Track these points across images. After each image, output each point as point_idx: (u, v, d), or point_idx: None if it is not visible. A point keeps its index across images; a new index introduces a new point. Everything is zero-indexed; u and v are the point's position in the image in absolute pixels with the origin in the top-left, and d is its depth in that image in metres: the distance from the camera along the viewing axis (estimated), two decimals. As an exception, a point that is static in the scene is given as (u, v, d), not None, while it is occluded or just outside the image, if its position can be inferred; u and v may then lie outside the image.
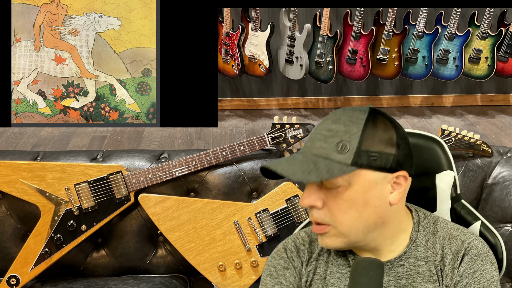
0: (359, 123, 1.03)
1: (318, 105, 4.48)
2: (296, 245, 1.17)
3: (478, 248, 1.09)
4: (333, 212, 1.03)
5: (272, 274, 1.15)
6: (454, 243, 1.11)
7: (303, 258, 1.16)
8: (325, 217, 1.04)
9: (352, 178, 1.01)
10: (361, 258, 1.09)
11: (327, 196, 1.03)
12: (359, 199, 1.03)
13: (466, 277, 1.07)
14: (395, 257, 1.11)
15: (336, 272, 1.13)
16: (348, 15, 3.89)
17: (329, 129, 1.04)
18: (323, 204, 1.04)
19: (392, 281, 1.10)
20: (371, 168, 1.02)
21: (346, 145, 1.01)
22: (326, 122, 1.06)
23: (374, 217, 1.05)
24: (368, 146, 1.02)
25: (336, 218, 1.03)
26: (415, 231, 1.12)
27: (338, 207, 1.03)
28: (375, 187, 1.03)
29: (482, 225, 1.26)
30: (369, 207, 1.04)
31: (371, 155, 1.02)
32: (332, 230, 1.05)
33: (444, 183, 1.26)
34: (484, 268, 1.07)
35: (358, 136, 1.01)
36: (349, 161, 1.00)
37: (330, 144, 1.02)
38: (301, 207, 1.74)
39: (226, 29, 3.95)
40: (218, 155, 1.79)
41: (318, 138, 1.04)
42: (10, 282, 1.73)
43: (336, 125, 1.03)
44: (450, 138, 1.79)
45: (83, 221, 1.75)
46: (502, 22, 3.89)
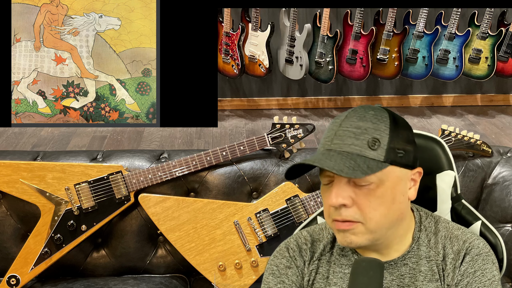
0: (385, 121, 1.05)
1: (318, 105, 4.48)
2: (298, 244, 1.17)
3: (479, 247, 1.10)
4: (363, 209, 1.03)
5: (275, 273, 1.15)
6: (456, 243, 1.11)
7: (305, 257, 1.16)
8: (355, 214, 1.03)
9: (383, 174, 1.03)
10: (361, 258, 1.09)
11: (357, 194, 1.03)
12: (389, 195, 1.04)
13: (467, 276, 1.07)
14: (399, 257, 1.11)
15: (339, 271, 1.13)
16: (348, 15, 3.89)
17: (357, 126, 1.04)
18: (352, 202, 1.03)
19: (395, 280, 1.10)
20: (398, 165, 1.05)
21: (378, 142, 1.02)
22: (351, 119, 1.05)
23: (398, 214, 1.07)
24: (395, 143, 1.04)
25: (367, 215, 1.03)
26: (417, 231, 1.13)
27: (370, 204, 1.03)
28: (401, 183, 1.06)
29: (483, 225, 1.26)
30: (395, 204, 1.05)
31: (398, 152, 1.04)
32: (360, 227, 1.04)
33: (444, 183, 1.27)
34: (485, 267, 1.08)
35: (387, 133, 1.04)
36: (382, 158, 1.02)
37: (362, 141, 1.02)
38: (300, 206, 1.74)
39: (226, 29, 3.95)
40: (218, 155, 1.79)
41: (348, 135, 1.03)
42: (10, 282, 1.73)
43: (364, 122, 1.04)
44: (450, 138, 1.79)
45: (83, 221, 1.75)
46: (502, 22, 3.89)
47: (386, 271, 1.11)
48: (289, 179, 1.10)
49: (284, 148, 1.83)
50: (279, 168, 1.81)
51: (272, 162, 1.82)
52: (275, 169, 1.81)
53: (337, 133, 1.05)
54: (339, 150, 1.03)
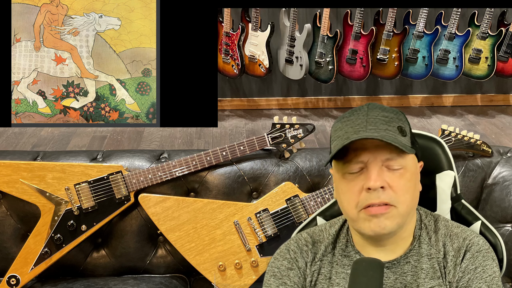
0: (401, 113, 1.11)
1: (318, 105, 4.48)
2: (299, 246, 1.18)
3: (479, 244, 1.12)
4: (398, 192, 1.06)
5: (276, 275, 1.15)
6: (456, 240, 1.13)
7: (306, 258, 1.16)
8: (391, 197, 1.05)
9: (409, 160, 1.08)
10: (361, 258, 1.09)
11: (390, 178, 1.06)
12: (413, 180, 1.09)
13: (468, 272, 1.09)
14: (401, 255, 1.12)
15: (342, 272, 1.14)
16: (348, 15, 3.89)
17: (384, 115, 1.08)
18: (388, 186, 1.06)
19: (398, 278, 1.11)
20: (415, 154, 1.11)
21: (404, 130, 1.08)
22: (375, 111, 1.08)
23: (416, 200, 1.12)
24: (412, 134, 1.12)
25: (400, 198, 1.06)
26: (418, 229, 1.15)
27: (403, 187, 1.06)
28: (417, 172, 1.12)
29: (482, 225, 1.26)
30: (416, 190, 1.11)
31: (415, 142, 1.12)
32: (393, 210, 1.06)
33: (444, 183, 1.27)
34: (486, 264, 1.09)
35: (407, 123, 1.11)
36: (409, 144, 1.08)
37: (393, 127, 1.06)
38: (300, 206, 1.74)
39: (226, 29, 3.95)
40: (218, 155, 1.79)
41: (380, 122, 1.06)
42: (10, 282, 1.73)
43: (388, 112, 1.09)
44: (450, 138, 1.79)
45: (83, 221, 1.75)
46: (502, 22, 3.89)
47: (390, 271, 1.11)
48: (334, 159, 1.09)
49: (284, 148, 1.83)
50: (279, 168, 1.81)
51: (272, 162, 1.82)
52: (275, 169, 1.81)
53: (368, 121, 1.07)
54: (377, 135, 1.04)
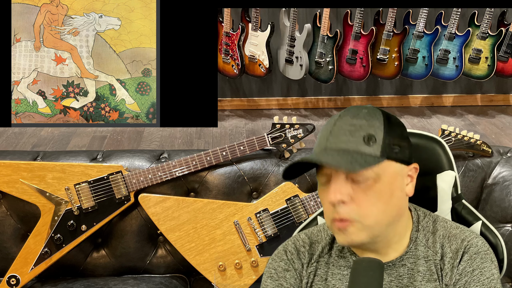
0: (378, 118, 1.06)
1: (318, 105, 4.48)
2: (296, 247, 1.17)
3: (478, 246, 1.09)
4: (361, 205, 1.03)
5: (273, 276, 1.15)
6: (454, 242, 1.11)
7: (303, 259, 1.16)
8: (351, 211, 1.03)
9: (380, 169, 1.03)
10: (361, 258, 1.09)
11: (355, 190, 1.03)
12: (387, 191, 1.04)
13: (465, 275, 1.07)
14: (397, 257, 1.11)
15: (338, 273, 1.13)
16: (348, 15, 3.89)
17: (352, 124, 1.04)
18: (351, 199, 1.03)
19: (394, 281, 1.10)
20: (394, 160, 1.05)
21: (373, 138, 1.03)
22: (345, 118, 1.06)
23: (396, 209, 1.07)
24: (390, 139, 1.05)
25: (364, 211, 1.03)
26: (415, 231, 1.13)
27: (367, 199, 1.03)
28: (398, 179, 1.06)
29: (483, 225, 1.26)
30: (393, 199, 1.06)
31: (393, 147, 1.05)
32: (357, 224, 1.04)
33: (445, 183, 1.26)
34: (483, 266, 1.07)
35: (382, 129, 1.04)
36: (378, 153, 1.03)
37: (357, 137, 1.03)
38: (300, 206, 1.74)
39: (226, 29, 3.95)
40: (218, 155, 1.79)
41: (343, 133, 1.04)
42: (10, 282, 1.73)
43: (357, 120, 1.05)
44: (450, 138, 1.79)
45: (83, 221, 1.75)
46: (502, 22, 3.89)
47: (385, 272, 1.10)
48: (286, 179, 1.10)
49: (284, 148, 1.83)
50: (279, 168, 1.81)
51: (272, 162, 1.82)
52: (275, 169, 1.81)
53: (332, 132, 1.05)
54: (335, 147, 1.03)
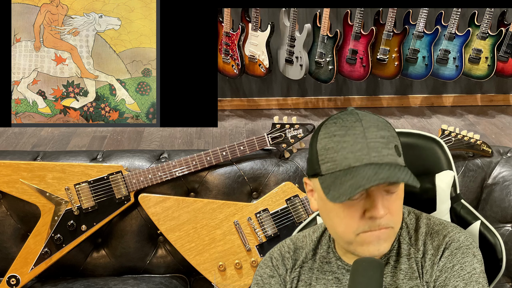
0: (390, 126, 1.04)
1: (318, 105, 4.48)
2: (281, 253, 1.18)
3: (460, 241, 1.07)
4: (395, 214, 1.03)
5: (259, 283, 1.16)
6: (436, 238, 1.09)
7: (287, 265, 1.16)
8: (389, 222, 1.02)
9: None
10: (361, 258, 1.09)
11: (389, 202, 1.02)
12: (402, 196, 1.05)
13: (445, 271, 1.05)
14: (381, 256, 1.10)
15: (322, 278, 1.13)
16: (348, 15, 3.89)
17: (381, 136, 1.00)
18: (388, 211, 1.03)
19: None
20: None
21: (398, 149, 1.02)
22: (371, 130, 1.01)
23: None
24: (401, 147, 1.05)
25: (396, 219, 1.03)
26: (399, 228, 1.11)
27: (398, 208, 1.04)
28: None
29: (482, 225, 1.26)
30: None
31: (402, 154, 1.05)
32: (391, 232, 1.03)
33: (443, 183, 1.26)
34: (464, 261, 1.05)
35: (398, 138, 1.04)
36: (403, 162, 1.02)
37: (391, 150, 1.00)
38: (300, 206, 1.74)
39: (226, 29, 3.95)
40: (218, 155, 1.79)
41: (381, 147, 1.00)
42: (10, 282, 1.73)
43: (382, 131, 1.01)
44: (450, 138, 1.79)
45: (83, 221, 1.75)
46: (502, 22, 3.89)
47: None
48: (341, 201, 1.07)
49: (284, 148, 1.83)
50: (279, 168, 1.81)
51: (272, 162, 1.82)
52: (275, 169, 1.81)
53: (369, 146, 0.99)
54: (381, 162, 0.99)
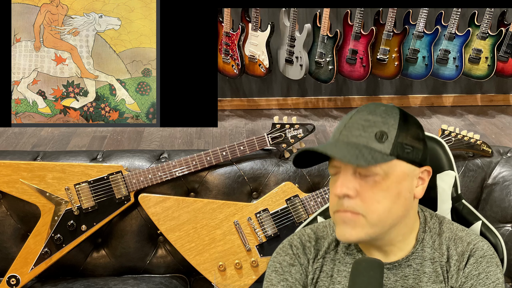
0: (395, 116, 1.06)
1: (318, 105, 4.48)
2: (302, 241, 1.17)
3: (484, 249, 1.10)
4: (367, 201, 1.03)
5: (278, 270, 1.14)
6: (460, 244, 1.11)
7: (309, 255, 1.15)
8: (356, 206, 1.03)
9: (389, 167, 1.03)
10: (361, 258, 1.09)
11: (362, 186, 1.03)
12: (394, 189, 1.04)
13: (471, 278, 1.07)
14: (403, 258, 1.11)
15: (343, 270, 1.13)
16: (348, 15, 3.89)
17: (366, 119, 1.05)
18: (357, 194, 1.03)
19: (399, 281, 1.10)
20: (405, 160, 1.05)
21: (385, 135, 1.03)
22: (361, 113, 1.06)
23: (402, 210, 1.06)
24: (403, 138, 1.05)
25: (370, 207, 1.03)
26: (422, 232, 1.13)
27: (373, 196, 1.03)
28: (407, 179, 1.06)
29: (483, 225, 1.26)
30: (400, 199, 1.05)
31: (405, 147, 1.05)
32: (361, 219, 1.03)
33: (445, 183, 1.27)
34: (489, 270, 1.07)
35: (396, 127, 1.04)
36: (388, 151, 1.03)
37: (369, 133, 1.03)
38: (300, 206, 1.74)
39: (226, 29, 3.95)
40: (218, 155, 1.79)
41: (356, 127, 1.04)
42: (10, 282, 1.73)
43: (373, 116, 1.05)
44: (450, 138, 1.79)
45: (83, 221, 1.75)
46: (502, 22, 3.89)
47: (390, 272, 1.10)
48: (297, 167, 1.11)
49: (284, 148, 1.83)
50: (279, 168, 1.81)
51: (272, 162, 1.82)
52: (275, 169, 1.81)
53: (346, 125, 1.06)
54: (347, 140, 1.04)
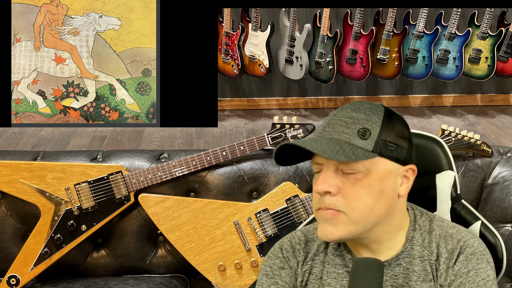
0: (379, 114, 1.06)
1: (318, 105, 4.48)
2: (292, 244, 1.17)
3: (474, 246, 1.09)
4: (348, 198, 1.02)
5: (268, 274, 1.15)
6: (450, 242, 1.10)
7: (298, 257, 1.15)
8: (338, 203, 1.03)
9: (371, 165, 1.03)
10: (361, 258, 1.09)
11: (343, 183, 1.03)
12: (376, 187, 1.03)
13: (460, 276, 1.06)
14: (392, 257, 1.10)
15: (333, 272, 1.13)
16: (348, 15, 3.89)
17: (350, 116, 1.05)
18: (338, 191, 1.03)
19: (389, 280, 1.10)
20: (388, 158, 1.05)
21: (368, 132, 1.03)
22: (345, 110, 1.07)
23: (385, 208, 1.06)
24: (386, 136, 1.04)
25: (351, 205, 1.02)
26: (412, 230, 1.12)
27: (355, 193, 1.02)
28: (390, 177, 1.05)
29: (482, 225, 1.26)
30: (383, 197, 1.05)
31: (389, 145, 1.04)
32: (343, 217, 1.03)
33: (444, 183, 1.26)
34: (479, 267, 1.06)
35: (379, 125, 1.04)
36: (370, 147, 1.03)
37: (352, 130, 1.03)
38: (300, 206, 1.74)
39: (226, 29, 3.95)
40: (218, 155, 1.79)
41: (339, 124, 1.05)
42: (10, 282, 1.73)
43: (357, 113, 1.05)
44: (450, 138, 1.79)
45: (83, 221, 1.75)
46: (502, 22, 3.89)
47: None
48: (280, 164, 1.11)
49: (284, 148, 1.83)
50: (279, 168, 1.81)
51: (272, 162, 1.82)
52: (275, 169, 1.81)
53: (329, 122, 1.07)
54: (329, 136, 1.04)
